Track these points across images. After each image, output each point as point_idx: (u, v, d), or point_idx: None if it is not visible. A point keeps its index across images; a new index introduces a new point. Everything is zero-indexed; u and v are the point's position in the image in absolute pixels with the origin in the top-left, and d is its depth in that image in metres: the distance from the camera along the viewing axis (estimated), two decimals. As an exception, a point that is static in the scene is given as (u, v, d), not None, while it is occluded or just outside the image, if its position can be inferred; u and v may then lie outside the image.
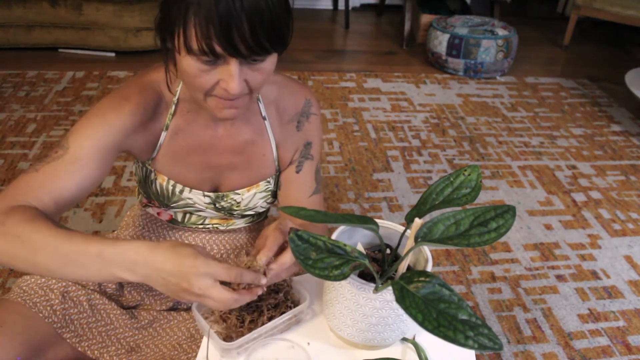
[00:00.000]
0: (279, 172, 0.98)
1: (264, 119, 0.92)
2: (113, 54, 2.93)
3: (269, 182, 0.97)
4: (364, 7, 4.17)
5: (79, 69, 2.75)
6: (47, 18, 2.76)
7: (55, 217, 0.75)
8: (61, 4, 2.72)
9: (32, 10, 2.73)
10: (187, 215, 1.01)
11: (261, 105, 0.91)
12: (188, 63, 0.71)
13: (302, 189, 0.95)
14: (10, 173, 1.95)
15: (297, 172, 0.95)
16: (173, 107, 0.86)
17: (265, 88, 0.93)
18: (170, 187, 0.93)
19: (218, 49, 0.67)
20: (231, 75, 0.71)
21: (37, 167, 0.76)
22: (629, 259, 1.79)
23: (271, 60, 0.75)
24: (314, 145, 0.97)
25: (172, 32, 0.70)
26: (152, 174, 0.92)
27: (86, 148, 0.77)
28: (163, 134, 0.87)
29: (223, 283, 0.68)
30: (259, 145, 0.93)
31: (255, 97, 0.80)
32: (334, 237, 0.76)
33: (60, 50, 2.93)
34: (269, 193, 0.99)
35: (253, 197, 0.97)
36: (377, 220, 0.73)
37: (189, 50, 0.69)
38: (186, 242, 1.05)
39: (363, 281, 0.70)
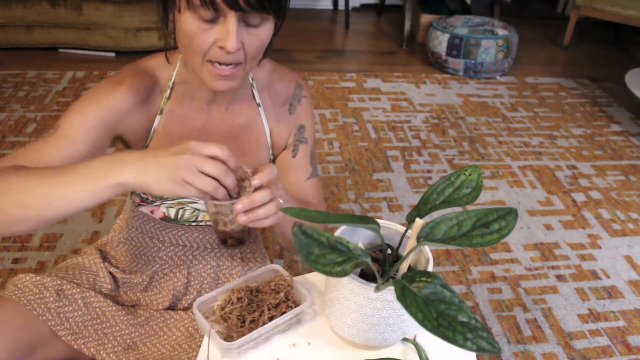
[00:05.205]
0: (273, 158, 0.98)
1: (258, 105, 0.92)
2: (113, 54, 2.93)
3: None
4: (364, 7, 4.17)
5: (79, 69, 2.75)
6: (47, 18, 2.76)
7: None
8: (61, 4, 2.72)
9: (32, 10, 2.73)
10: (180, 212, 1.01)
11: (255, 92, 0.91)
12: (186, 20, 0.72)
13: (299, 174, 0.96)
14: (10, 173, 1.95)
15: (294, 156, 0.96)
16: (168, 90, 0.87)
17: (257, 73, 0.94)
18: None
19: None
20: (228, 31, 0.71)
21: (27, 145, 0.79)
22: (629, 259, 1.79)
23: (267, 27, 0.75)
24: (307, 129, 0.97)
25: None
26: None
27: (75, 126, 0.79)
28: (157, 118, 0.88)
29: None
30: (252, 130, 0.94)
31: (249, 69, 0.80)
32: (335, 237, 0.76)
33: (60, 50, 2.93)
34: None
35: None
36: (378, 221, 0.74)
37: (189, 4, 0.70)
38: (180, 241, 1.05)
39: (364, 281, 0.70)
